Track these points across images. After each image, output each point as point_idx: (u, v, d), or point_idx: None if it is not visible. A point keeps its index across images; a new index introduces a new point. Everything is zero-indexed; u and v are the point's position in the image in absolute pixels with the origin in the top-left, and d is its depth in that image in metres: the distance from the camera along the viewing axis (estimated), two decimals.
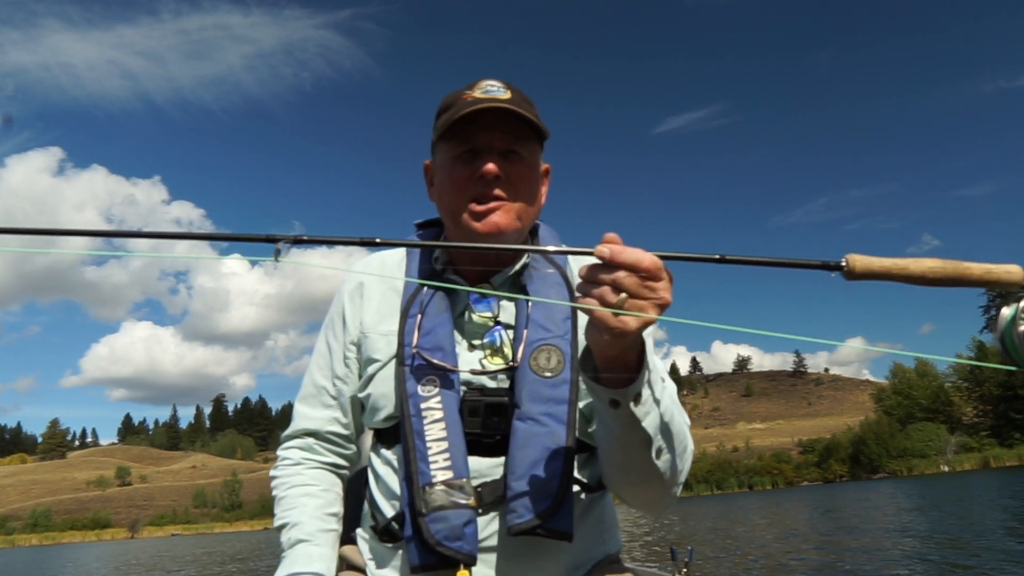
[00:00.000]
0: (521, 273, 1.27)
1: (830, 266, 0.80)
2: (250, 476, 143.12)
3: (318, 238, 0.91)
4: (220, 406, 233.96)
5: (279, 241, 0.88)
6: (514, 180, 1.21)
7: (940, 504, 20.66)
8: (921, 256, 0.82)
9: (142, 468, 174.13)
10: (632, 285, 0.81)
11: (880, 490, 37.98)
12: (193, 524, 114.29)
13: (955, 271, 0.80)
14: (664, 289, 0.82)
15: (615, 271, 0.81)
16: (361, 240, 0.90)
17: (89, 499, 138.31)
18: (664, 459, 1.03)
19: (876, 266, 0.80)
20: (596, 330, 0.86)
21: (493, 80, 1.24)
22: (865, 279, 0.81)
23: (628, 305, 0.81)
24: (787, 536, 14.59)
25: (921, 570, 8.34)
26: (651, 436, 0.98)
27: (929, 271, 0.80)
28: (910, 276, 0.80)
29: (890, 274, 0.80)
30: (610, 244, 0.83)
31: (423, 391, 1.16)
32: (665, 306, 0.82)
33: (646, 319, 0.81)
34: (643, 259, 0.81)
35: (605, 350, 0.88)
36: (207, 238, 0.94)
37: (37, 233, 0.97)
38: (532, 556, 1.15)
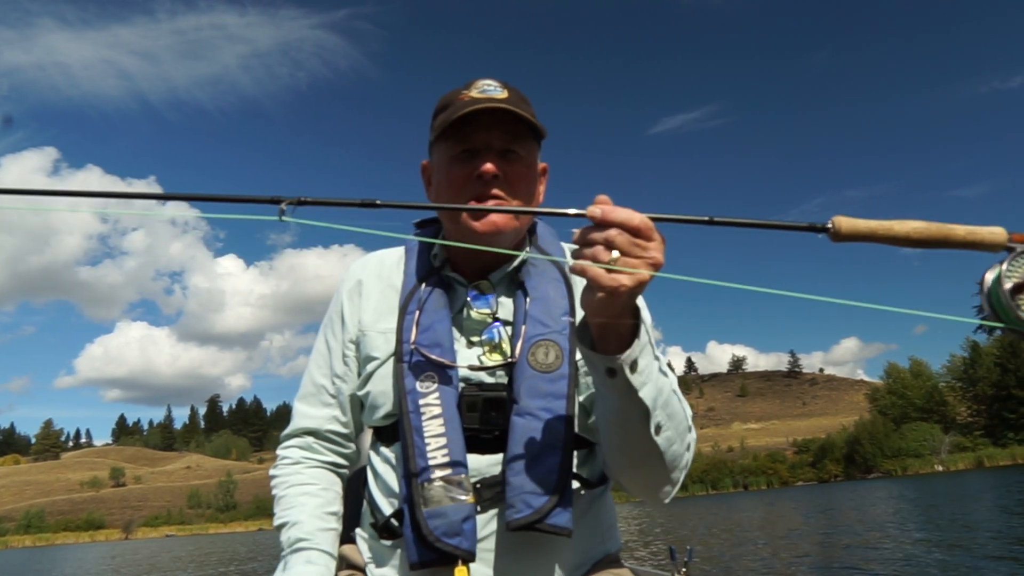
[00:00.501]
0: (519, 270, 1.27)
1: (816, 228, 0.82)
2: (245, 477, 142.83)
3: (321, 200, 0.92)
4: (215, 406, 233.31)
5: (283, 202, 0.89)
6: (512, 180, 1.21)
7: (935, 504, 20.74)
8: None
9: (136, 469, 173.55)
10: (624, 243, 0.82)
11: (875, 490, 38.10)
12: (187, 525, 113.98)
13: (939, 232, 0.80)
14: (656, 249, 0.84)
15: (607, 230, 0.83)
16: (362, 202, 0.91)
17: (83, 500, 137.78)
18: (664, 436, 1.02)
19: (862, 227, 0.81)
20: (591, 291, 0.86)
21: (490, 79, 1.25)
22: (851, 240, 0.82)
23: (621, 263, 0.82)
24: (785, 536, 14.64)
25: (916, 569, 8.37)
26: (649, 408, 0.97)
27: (913, 231, 0.81)
28: (895, 237, 0.81)
29: (875, 235, 0.81)
30: (601, 204, 0.84)
31: (421, 387, 1.16)
32: (658, 266, 0.83)
33: (639, 276, 0.82)
34: (633, 217, 0.82)
35: (600, 312, 0.88)
36: (212, 199, 0.94)
37: (31, 193, 0.99)
38: (531, 553, 1.14)
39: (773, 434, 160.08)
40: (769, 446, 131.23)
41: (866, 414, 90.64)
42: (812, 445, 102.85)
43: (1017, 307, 0.77)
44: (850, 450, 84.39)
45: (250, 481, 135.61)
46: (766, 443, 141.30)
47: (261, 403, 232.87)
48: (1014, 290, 0.77)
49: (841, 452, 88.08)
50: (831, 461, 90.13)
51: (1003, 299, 0.77)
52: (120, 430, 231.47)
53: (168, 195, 0.98)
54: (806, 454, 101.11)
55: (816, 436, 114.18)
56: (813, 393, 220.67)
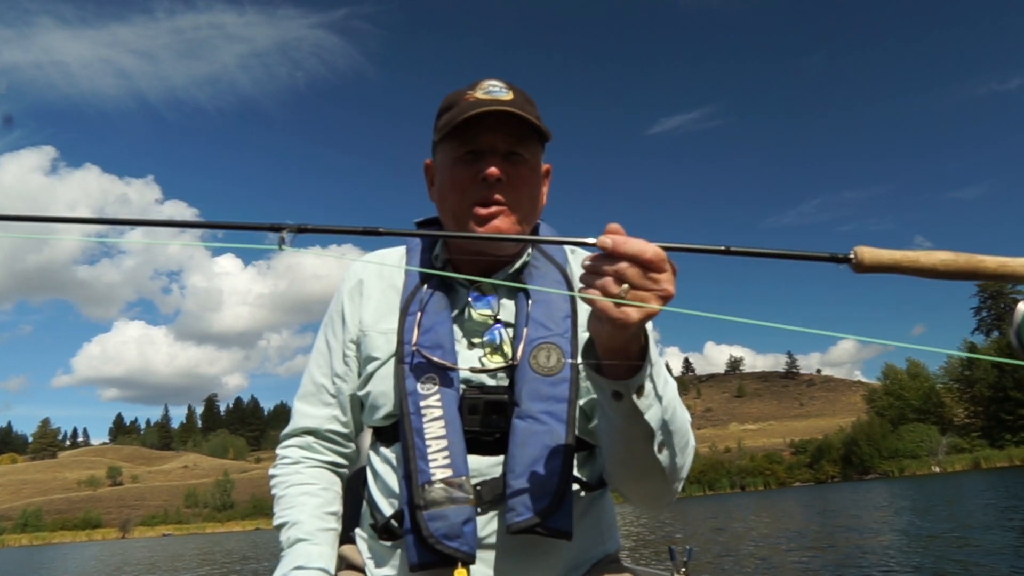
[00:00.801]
0: (521, 271, 1.27)
1: (838, 258, 0.78)
2: (242, 476, 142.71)
3: (322, 227, 0.91)
4: (212, 406, 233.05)
5: (283, 230, 0.88)
6: (516, 182, 1.21)
7: (932, 505, 20.76)
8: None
9: (133, 468, 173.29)
10: (634, 276, 0.80)
11: (872, 491, 38.13)
12: (184, 524, 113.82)
13: (968, 264, 0.77)
14: (667, 281, 0.82)
15: (618, 262, 0.81)
16: (364, 229, 0.90)
17: (80, 499, 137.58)
18: (666, 453, 1.03)
19: (885, 258, 0.77)
20: (598, 321, 0.85)
21: (495, 80, 1.24)
22: (873, 272, 0.78)
23: (630, 296, 0.80)
24: (783, 537, 14.63)
25: (913, 570, 8.38)
26: (653, 429, 0.97)
27: (940, 264, 0.77)
28: (920, 269, 0.77)
29: (900, 266, 0.77)
30: (613, 234, 0.82)
31: (422, 389, 1.16)
32: (668, 298, 0.82)
33: (648, 310, 0.81)
34: (646, 250, 0.80)
35: (607, 341, 0.88)
36: (211, 226, 0.94)
37: (33, 220, 0.97)
38: (531, 555, 1.14)
39: (770, 435, 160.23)
40: (766, 447, 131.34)
41: (863, 415, 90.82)
42: (809, 446, 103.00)
43: None
44: (847, 451, 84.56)
45: (247, 480, 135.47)
46: (763, 444, 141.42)
47: (258, 402, 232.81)
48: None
49: (838, 453, 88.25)
50: (828, 462, 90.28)
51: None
52: (117, 429, 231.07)
53: (167, 222, 0.97)
54: (803, 455, 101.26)
55: (813, 437, 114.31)
56: (810, 394, 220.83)
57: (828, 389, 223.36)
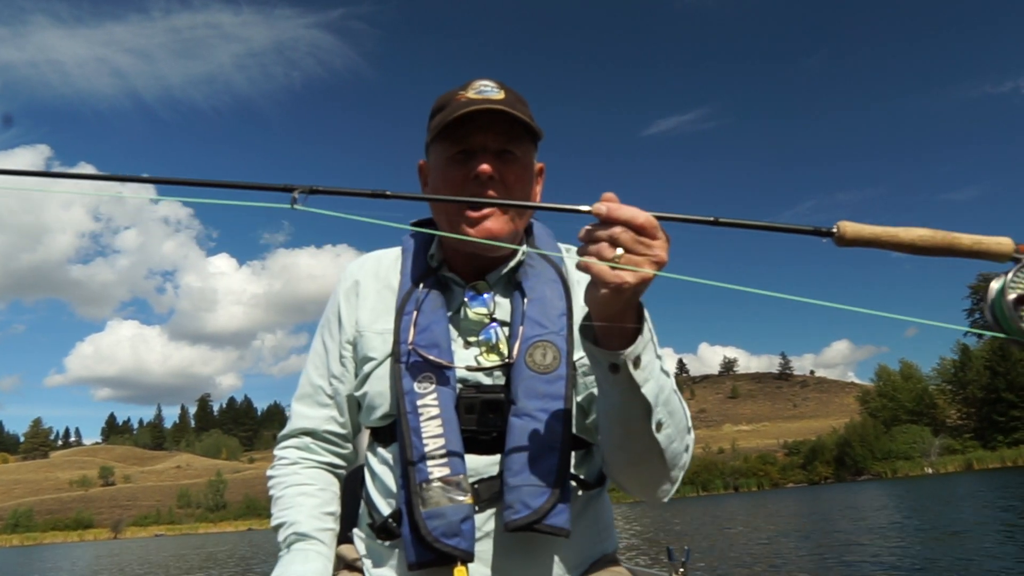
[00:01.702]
0: (516, 270, 1.27)
1: (821, 232, 0.82)
2: (235, 476, 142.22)
3: (332, 189, 0.92)
4: (205, 406, 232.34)
5: (295, 190, 0.90)
6: (508, 181, 1.21)
7: (925, 506, 20.84)
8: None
9: (126, 468, 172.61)
10: (628, 241, 0.82)
11: (865, 492, 38.26)
12: (177, 524, 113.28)
13: (944, 240, 0.80)
14: (660, 247, 0.84)
15: (612, 227, 0.83)
16: (372, 192, 0.91)
17: (71, 499, 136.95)
18: (664, 433, 1.02)
19: (867, 233, 0.81)
20: (595, 287, 0.86)
21: (487, 80, 1.24)
22: (855, 246, 0.81)
23: (624, 260, 0.82)
24: (781, 537, 14.68)
25: (908, 571, 8.41)
26: (651, 404, 0.97)
27: (919, 239, 0.80)
28: (900, 244, 0.81)
29: (880, 241, 0.81)
30: (607, 202, 0.84)
31: (419, 388, 1.16)
32: (662, 264, 0.84)
33: (643, 274, 0.83)
34: (638, 215, 0.82)
35: (604, 308, 0.88)
36: (223, 186, 0.93)
37: (36, 175, 1.00)
38: (529, 553, 1.15)
39: (764, 436, 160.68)
40: (760, 448, 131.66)
41: (856, 416, 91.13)
42: (803, 447, 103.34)
43: (1020, 318, 0.77)
44: (840, 452, 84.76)
45: (240, 481, 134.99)
46: (757, 445, 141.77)
47: (252, 403, 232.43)
48: (1017, 301, 0.77)
49: (831, 454, 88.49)
50: (821, 463, 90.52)
51: (1006, 310, 0.77)
52: (110, 429, 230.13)
53: (177, 180, 0.96)
54: (796, 456, 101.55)
55: (807, 438, 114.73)
56: (804, 395, 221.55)
57: (821, 390, 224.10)
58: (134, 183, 0.99)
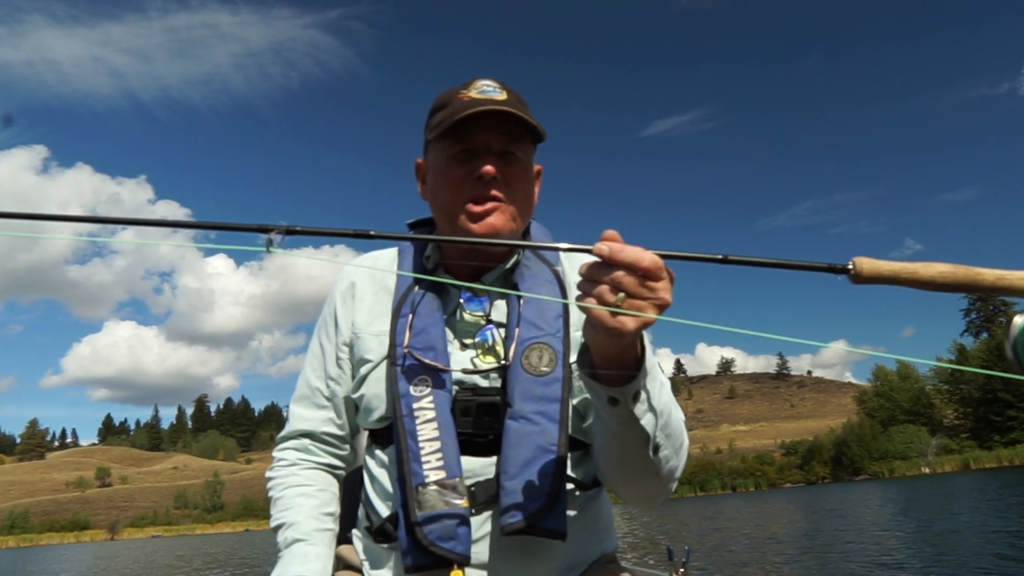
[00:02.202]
0: (513, 271, 1.27)
1: (836, 269, 0.78)
2: (232, 477, 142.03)
3: (311, 229, 0.88)
4: (202, 407, 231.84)
5: (271, 231, 0.86)
6: (510, 181, 1.21)
7: (922, 506, 20.86)
8: (929, 260, 0.78)
9: (123, 469, 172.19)
10: (631, 285, 0.79)
11: (863, 492, 38.28)
12: (174, 525, 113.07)
13: (966, 277, 0.77)
14: (664, 289, 0.80)
15: (614, 270, 0.79)
16: (355, 232, 0.88)
17: (68, 500, 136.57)
18: (661, 456, 1.02)
19: (884, 270, 0.77)
20: (594, 329, 0.84)
21: (488, 80, 1.24)
22: (872, 283, 0.78)
23: (626, 305, 0.79)
24: (780, 537, 14.67)
25: (905, 571, 8.41)
26: (649, 434, 0.97)
27: (939, 276, 0.77)
28: (919, 281, 0.77)
29: (898, 278, 0.77)
30: (609, 242, 0.80)
31: (415, 391, 1.16)
32: (664, 306, 0.80)
33: (644, 319, 0.79)
34: (643, 258, 0.78)
35: (603, 349, 0.87)
36: (197, 226, 0.92)
37: (24, 218, 0.96)
38: (526, 556, 1.14)
39: (761, 436, 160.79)
40: (757, 448, 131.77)
41: (854, 416, 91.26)
42: (800, 447, 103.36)
43: None
44: (838, 452, 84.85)
45: (238, 481, 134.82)
46: (754, 445, 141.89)
47: (249, 403, 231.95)
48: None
49: (829, 454, 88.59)
50: (819, 463, 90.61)
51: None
52: (107, 430, 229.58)
53: (156, 221, 0.96)
54: (794, 456, 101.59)
55: (804, 438, 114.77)
56: (801, 395, 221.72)
57: (818, 390, 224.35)
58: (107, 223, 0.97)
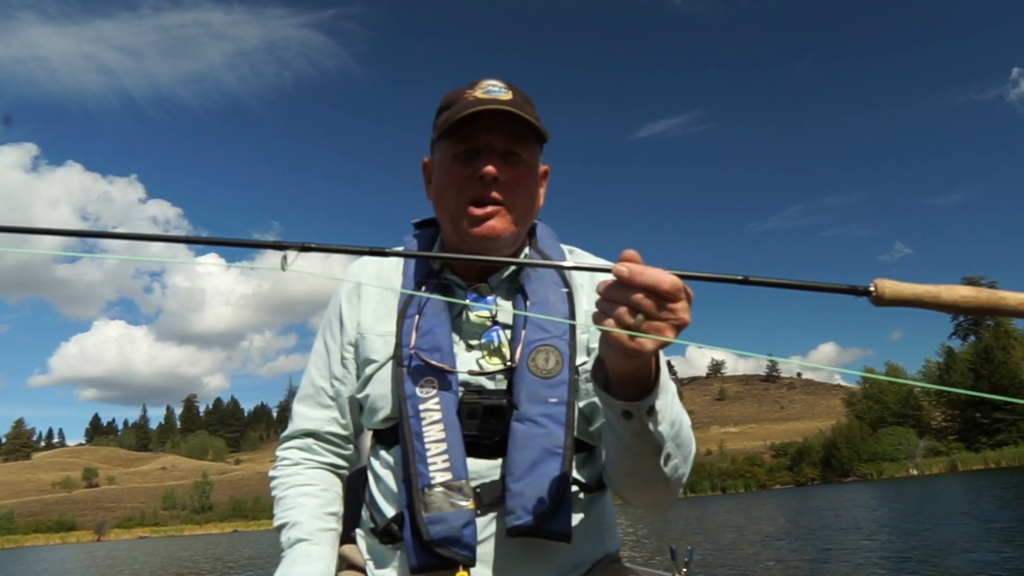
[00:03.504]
0: (518, 273, 1.26)
1: (858, 291, 0.77)
2: (221, 478, 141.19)
3: (326, 246, 0.88)
4: (191, 407, 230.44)
5: (287, 248, 0.85)
6: (513, 182, 1.21)
7: (910, 507, 20.98)
8: (953, 284, 0.78)
9: (110, 469, 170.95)
10: (650, 307, 0.78)
11: (851, 493, 38.47)
12: (162, 526, 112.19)
13: (989, 301, 0.76)
14: (683, 310, 0.79)
15: (633, 291, 0.78)
16: (371, 250, 0.90)
17: (54, 501, 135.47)
18: (672, 464, 1.03)
19: (907, 293, 0.77)
20: (611, 349, 0.83)
21: (495, 80, 1.24)
22: (894, 305, 0.77)
23: (645, 327, 0.78)
24: (776, 538, 14.75)
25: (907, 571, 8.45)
26: (662, 445, 0.98)
27: (962, 300, 0.77)
28: (942, 304, 0.77)
29: (921, 301, 0.77)
30: (629, 263, 0.79)
31: (421, 392, 1.16)
32: (683, 326, 0.80)
33: (662, 341, 0.79)
34: (663, 281, 0.77)
35: (619, 367, 0.87)
36: (214, 243, 0.92)
37: (26, 231, 0.94)
38: (531, 557, 1.15)
39: (751, 438, 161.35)
40: (747, 449, 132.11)
41: (843, 418, 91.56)
42: (790, 449, 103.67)
43: None
44: (827, 454, 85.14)
45: (226, 482, 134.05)
46: (744, 446, 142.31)
47: (239, 403, 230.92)
48: None
49: (818, 456, 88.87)
50: (808, 465, 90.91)
51: None
52: (94, 430, 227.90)
53: (171, 237, 0.96)
54: (784, 458, 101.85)
55: (793, 440, 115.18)
56: (791, 397, 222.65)
57: (808, 392, 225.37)
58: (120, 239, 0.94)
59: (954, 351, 78.24)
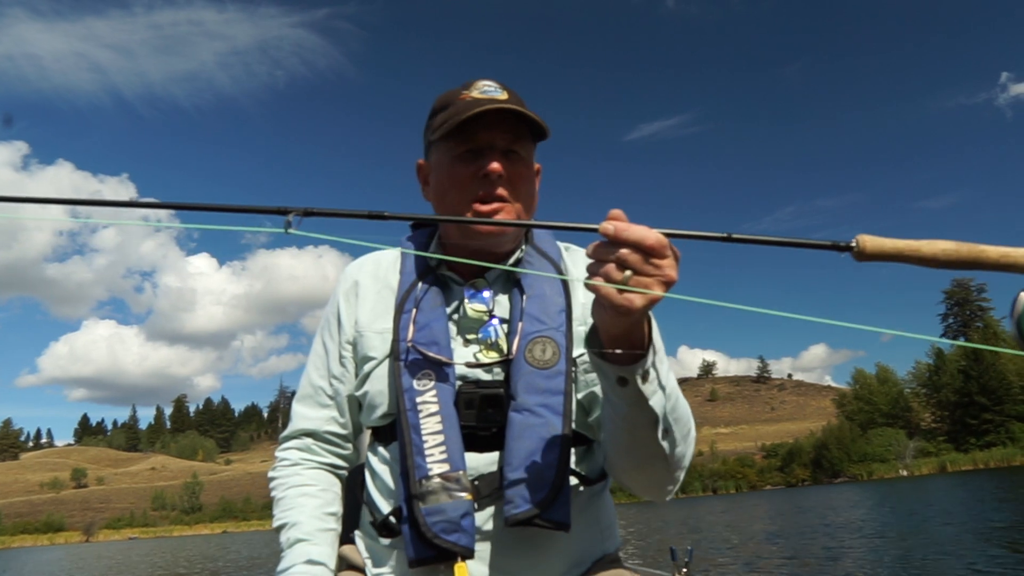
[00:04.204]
0: (516, 266, 1.28)
1: (839, 246, 0.78)
2: (211, 478, 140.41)
3: (328, 211, 0.89)
4: (181, 407, 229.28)
5: (290, 213, 0.87)
6: (515, 179, 1.22)
7: (899, 507, 21.08)
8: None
9: (99, 470, 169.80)
10: (636, 262, 0.80)
11: (842, 494, 38.63)
12: (151, 527, 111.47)
13: (969, 254, 0.76)
14: (670, 267, 0.81)
15: (620, 248, 0.80)
16: (369, 213, 0.90)
17: (42, 501, 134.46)
18: (670, 440, 1.03)
19: (887, 247, 0.77)
20: (602, 308, 0.85)
21: (488, 80, 1.25)
22: (875, 260, 0.78)
23: (633, 282, 0.80)
24: (775, 538, 14.80)
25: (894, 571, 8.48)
26: (658, 415, 0.97)
27: (942, 253, 0.77)
28: (922, 258, 0.77)
29: (902, 255, 0.77)
30: (615, 221, 0.81)
31: (418, 385, 1.16)
32: (670, 283, 0.82)
33: (651, 296, 0.81)
34: (648, 236, 0.80)
35: (611, 328, 0.88)
36: (218, 209, 0.91)
37: (19, 200, 0.95)
38: (530, 548, 1.14)
39: (742, 438, 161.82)
40: (738, 450, 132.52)
41: (833, 419, 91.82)
42: (780, 450, 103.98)
43: None
44: (817, 455, 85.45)
45: (216, 483, 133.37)
46: (735, 447, 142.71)
47: (229, 404, 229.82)
48: None
49: (808, 457, 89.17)
50: (799, 465, 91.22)
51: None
52: (83, 430, 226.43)
53: (167, 204, 0.96)
54: (774, 459, 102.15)
55: (784, 441, 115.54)
56: (782, 398, 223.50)
57: (799, 393, 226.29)
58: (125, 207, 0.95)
59: (944, 353, 78.62)
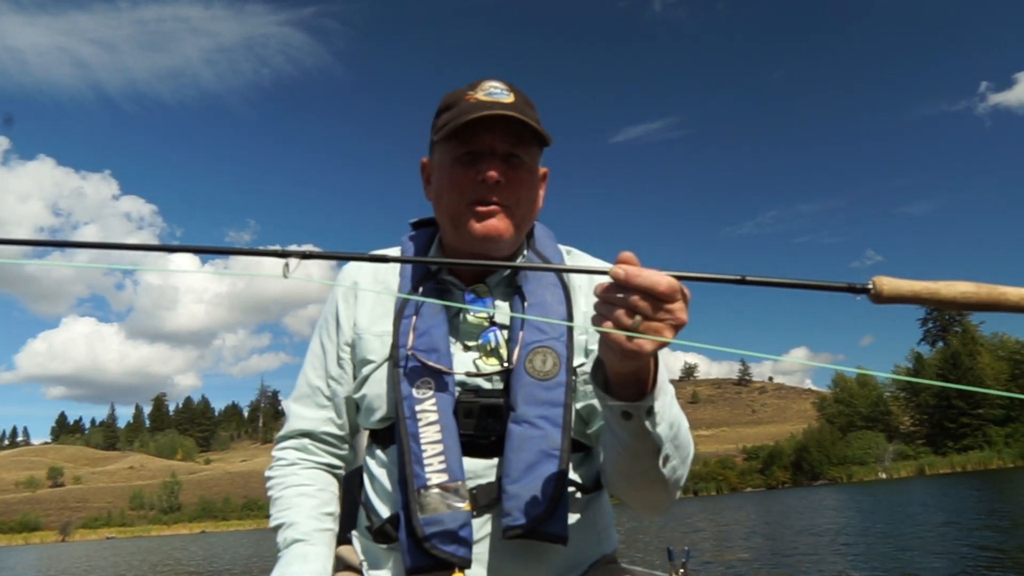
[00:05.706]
0: (516, 274, 1.27)
1: (856, 289, 0.76)
2: (190, 478, 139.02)
3: (328, 254, 0.87)
4: (161, 405, 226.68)
5: (288, 256, 0.85)
6: (514, 185, 1.21)
7: (879, 509, 21.29)
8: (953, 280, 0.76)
9: (76, 469, 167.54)
10: (647, 308, 0.79)
11: (822, 496, 38.94)
12: (129, 527, 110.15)
13: (989, 296, 0.75)
14: (680, 310, 0.80)
15: (630, 293, 0.79)
16: (372, 256, 0.89)
17: (17, 501, 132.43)
18: (670, 466, 1.03)
19: (905, 289, 0.76)
20: (610, 350, 0.84)
21: (496, 81, 1.23)
22: (892, 302, 0.76)
23: (643, 328, 0.79)
24: (774, 537, 14.89)
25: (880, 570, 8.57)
26: (660, 446, 0.98)
27: (961, 296, 0.75)
28: (941, 300, 0.76)
29: (919, 297, 0.76)
30: (625, 265, 0.80)
31: (418, 393, 1.16)
32: (680, 326, 0.80)
33: (660, 342, 0.80)
34: (659, 282, 0.78)
35: (618, 368, 0.87)
36: (216, 252, 0.91)
37: (23, 243, 0.94)
38: (527, 558, 1.15)
39: (723, 441, 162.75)
40: (719, 453, 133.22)
41: (814, 422, 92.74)
42: (761, 452, 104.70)
43: None
44: (798, 457, 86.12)
45: (195, 482, 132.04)
46: (716, 450, 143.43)
47: (209, 403, 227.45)
48: None
49: (789, 459, 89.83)
50: (779, 468, 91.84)
51: None
52: (60, 428, 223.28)
53: (169, 247, 0.95)
54: (755, 461, 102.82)
55: (765, 443, 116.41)
56: (762, 401, 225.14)
57: (780, 397, 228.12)
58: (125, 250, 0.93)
59: (923, 357, 79.66)
